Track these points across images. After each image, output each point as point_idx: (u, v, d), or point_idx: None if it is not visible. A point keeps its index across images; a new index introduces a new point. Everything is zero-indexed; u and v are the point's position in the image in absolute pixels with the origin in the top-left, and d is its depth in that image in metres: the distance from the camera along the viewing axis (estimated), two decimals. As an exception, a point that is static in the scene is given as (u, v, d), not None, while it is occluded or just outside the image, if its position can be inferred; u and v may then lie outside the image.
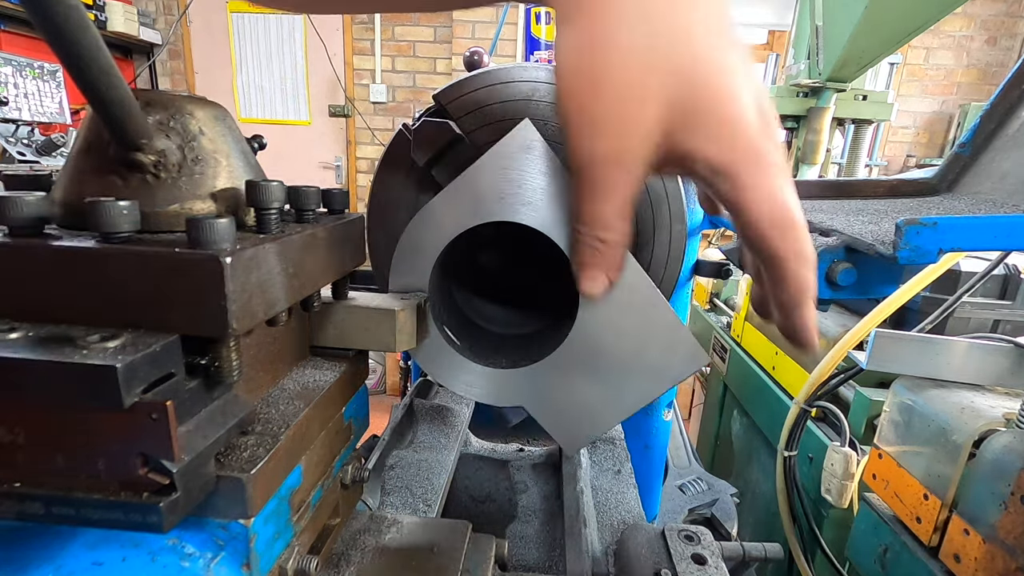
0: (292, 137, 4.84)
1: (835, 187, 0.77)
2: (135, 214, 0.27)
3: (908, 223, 0.41)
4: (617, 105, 0.30)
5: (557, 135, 0.48)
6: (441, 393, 1.00)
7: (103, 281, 0.27)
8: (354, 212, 0.43)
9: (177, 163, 0.32)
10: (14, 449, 0.26)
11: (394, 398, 4.28)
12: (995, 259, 1.03)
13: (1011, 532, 0.71)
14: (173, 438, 0.25)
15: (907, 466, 0.91)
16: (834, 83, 2.30)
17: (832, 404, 1.20)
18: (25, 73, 2.99)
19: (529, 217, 0.45)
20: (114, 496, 0.26)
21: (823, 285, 0.48)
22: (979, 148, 0.71)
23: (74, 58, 0.24)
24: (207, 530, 0.30)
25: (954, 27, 4.37)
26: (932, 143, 4.65)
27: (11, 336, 0.25)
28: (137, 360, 0.24)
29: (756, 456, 1.83)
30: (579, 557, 0.60)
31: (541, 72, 0.49)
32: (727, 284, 2.46)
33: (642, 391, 0.47)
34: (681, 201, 0.50)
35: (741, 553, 0.81)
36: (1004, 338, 0.91)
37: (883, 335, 0.93)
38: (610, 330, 0.46)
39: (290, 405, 0.36)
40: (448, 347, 0.49)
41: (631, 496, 0.74)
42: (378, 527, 0.49)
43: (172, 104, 0.33)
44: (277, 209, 0.33)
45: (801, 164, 2.51)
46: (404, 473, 0.75)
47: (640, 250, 0.51)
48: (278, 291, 0.31)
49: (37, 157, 2.80)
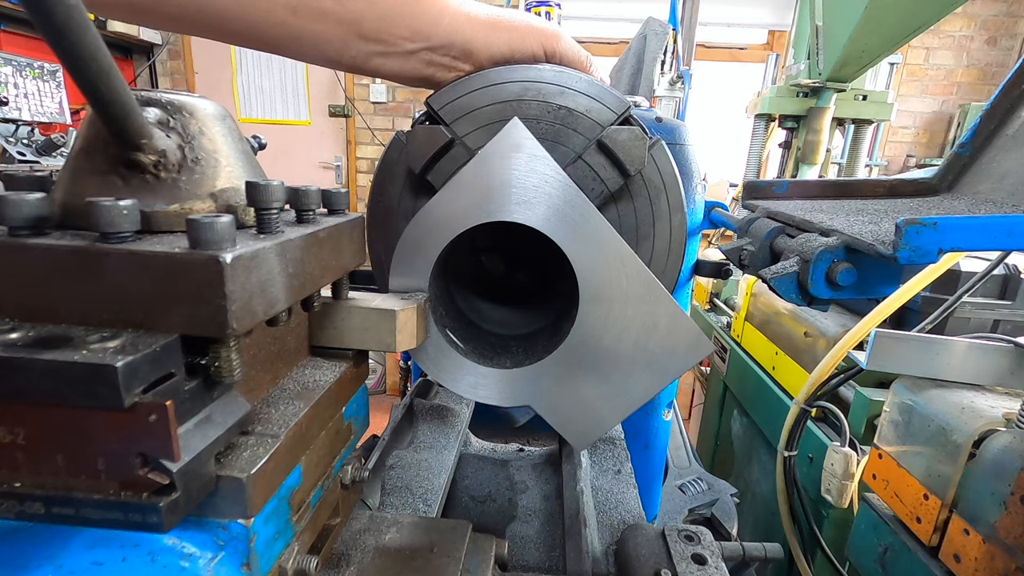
0: (292, 137, 4.84)
1: (835, 187, 0.77)
2: (135, 214, 0.27)
3: (908, 223, 0.41)
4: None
5: (548, 133, 0.48)
6: (441, 393, 1.00)
7: (103, 281, 0.27)
8: (354, 212, 0.43)
9: (177, 163, 0.32)
10: (14, 449, 0.26)
11: (394, 398, 4.28)
12: (995, 259, 1.03)
13: (1011, 532, 0.71)
14: (173, 438, 0.25)
15: (907, 466, 0.91)
16: (834, 83, 2.30)
17: (832, 404, 1.20)
18: (25, 73, 2.99)
19: (525, 216, 0.45)
20: (114, 496, 0.26)
21: (823, 285, 0.48)
22: (979, 148, 0.71)
23: (74, 58, 0.24)
24: (207, 530, 0.30)
25: (954, 27, 4.37)
26: (932, 143, 4.65)
27: (11, 336, 0.25)
28: (137, 360, 0.24)
29: (756, 456, 1.83)
30: (579, 557, 0.60)
31: (530, 72, 0.49)
32: (727, 284, 2.47)
33: (648, 383, 0.47)
34: (679, 192, 0.50)
35: (741, 553, 0.81)
36: (1004, 338, 0.91)
37: (883, 335, 0.93)
38: (612, 324, 0.46)
39: (290, 405, 0.36)
40: (451, 350, 0.49)
41: (631, 496, 0.74)
42: (378, 527, 0.49)
43: (172, 104, 0.33)
44: (277, 209, 0.33)
45: (801, 164, 2.51)
46: (404, 473, 0.75)
47: (640, 243, 0.51)
48: (278, 291, 0.31)
49: (37, 157, 2.80)
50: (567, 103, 0.48)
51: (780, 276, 0.50)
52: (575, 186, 0.45)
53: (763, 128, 2.66)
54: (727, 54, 4.78)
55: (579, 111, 0.48)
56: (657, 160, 0.49)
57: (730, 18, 4.61)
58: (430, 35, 0.50)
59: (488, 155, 0.44)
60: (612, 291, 0.45)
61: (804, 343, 1.56)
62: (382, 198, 0.52)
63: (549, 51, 0.53)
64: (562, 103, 0.48)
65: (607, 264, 0.45)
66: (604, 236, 0.45)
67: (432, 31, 0.50)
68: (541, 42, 0.53)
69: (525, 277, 0.72)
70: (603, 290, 0.45)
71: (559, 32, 0.54)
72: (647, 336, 0.46)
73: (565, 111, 0.48)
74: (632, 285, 0.45)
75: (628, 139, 0.47)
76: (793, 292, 0.50)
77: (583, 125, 0.48)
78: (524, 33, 0.52)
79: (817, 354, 1.45)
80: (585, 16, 4.63)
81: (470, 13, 0.51)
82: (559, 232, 0.45)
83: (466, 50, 0.51)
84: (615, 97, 0.48)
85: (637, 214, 0.51)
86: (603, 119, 0.48)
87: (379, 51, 0.50)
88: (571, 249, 0.45)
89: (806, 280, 0.48)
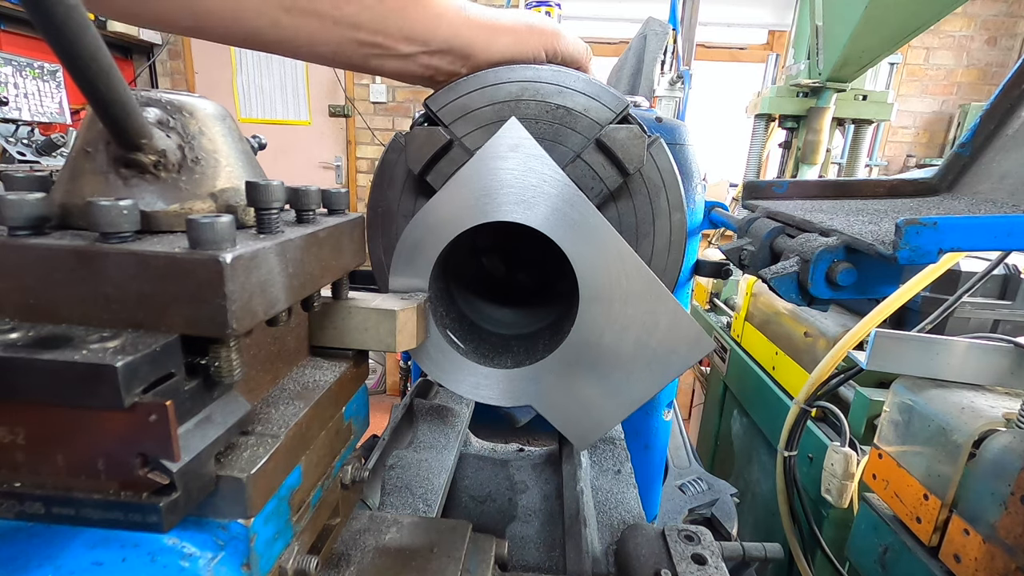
0: (292, 137, 4.84)
1: (835, 187, 0.77)
2: (135, 214, 0.27)
3: (908, 223, 0.41)
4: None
5: (547, 132, 0.48)
6: (441, 393, 1.00)
7: (103, 281, 0.27)
8: (354, 212, 0.43)
9: (177, 163, 0.32)
10: (14, 449, 0.26)
11: (394, 398, 4.28)
12: (995, 259, 1.03)
13: (1011, 532, 0.71)
14: (173, 438, 0.25)
15: (907, 466, 0.91)
16: (834, 83, 2.30)
17: (832, 404, 1.20)
18: (25, 73, 2.99)
19: (524, 216, 0.45)
20: (114, 496, 0.26)
21: (823, 285, 0.48)
22: (979, 148, 0.71)
23: (74, 58, 0.24)
24: (207, 530, 0.30)
25: (954, 27, 4.37)
26: (932, 143, 4.65)
27: (11, 336, 0.25)
28: (137, 360, 0.24)
29: (756, 456, 1.83)
30: (579, 557, 0.60)
31: (528, 72, 0.49)
32: (727, 284, 2.47)
33: (649, 381, 0.47)
34: (679, 190, 0.50)
35: (741, 553, 0.82)
36: (1004, 338, 0.91)
37: (883, 335, 0.93)
38: (613, 323, 0.46)
39: (290, 405, 0.36)
40: (452, 350, 0.49)
41: (631, 496, 0.74)
42: (378, 527, 0.49)
43: (172, 104, 0.33)
44: (277, 209, 0.33)
45: (801, 164, 2.51)
46: (404, 473, 0.75)
47: (640, 242, 0.51)
48: (278, 291, 0.31)
49: (37, 157, 2.80)
50: (565, 102, 0.48)
51: (780, 276, 0.50)
52: (574, 185, 0.45)
53: (763, 128, 2.66)
54: (727, 54, 4.78)
55: (577, 110, 0.48)
56: (656, 158, 0.49)
57: (730, 18, 4.62)
58: (427, 39, 0.50)
59: (486, 155, 0.44)
60: (612, 290, 0.45)
61: (804, 343, 1.56)
62: (382, 199, 0.52)
63: (550, 51, 0.53)
64: (560, 102, 0.48)
65: (607, 263, 0.45)
66: (604, 235, 0.45)
67: (430, 35, 0.50)
68: (542, 43, 0.52)
69: (525, 277, 0.72)
70: (603, 289, 0.45)
71: (559, 31, 0.54)
72: (648, 334, 0.46)
73: (563, 110, 0.48)
74: (632, 284, 0.45)
75: (627, 138, 0.47)
76: (793, 292, 0.50)
77: (581, 124, 0.48)
78: (524, 35, 0.52)
79: (817, 354, 1.45)
80: (585, 16, 4.64)
81: (469, 16, 0.51)
82: (559, 231, 0.45)
83: (465, 54, 0.51)
84: (613, 96, 0.48)
85: (637, 213, 0.51)
86: (602, 118, 0.48)
87: (376, 53, 0.50)
88: (571, 248, 0.45)
89: (806, 280, 0.48)
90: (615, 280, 0.45)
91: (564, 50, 0.54)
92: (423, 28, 0.49)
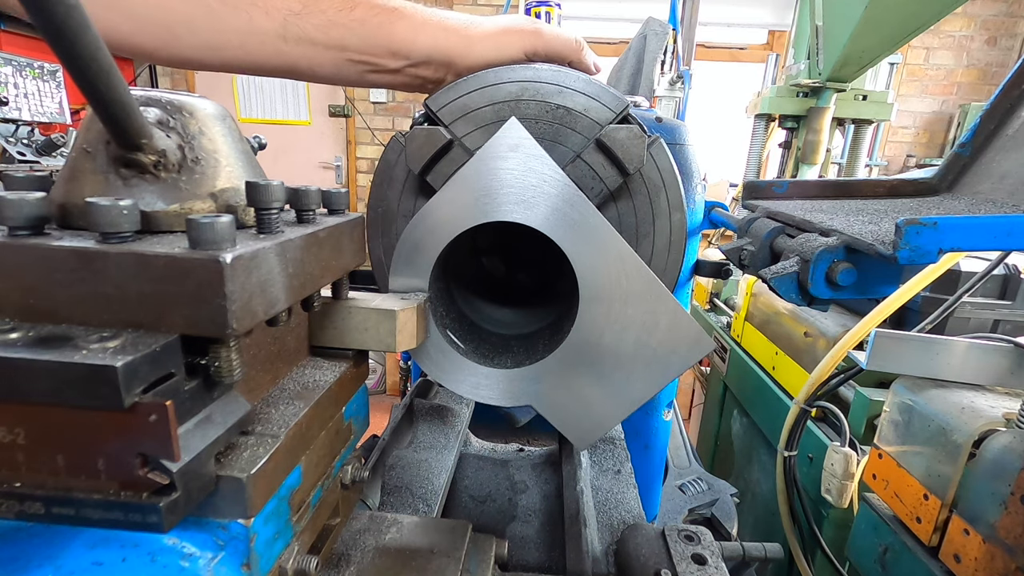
0: (292, 137, 4.84)
1: (835, 187, 0.77)
2: (135, 214, 0.27)
3: (908, 223, 0.41)
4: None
5: (547, 132, 0.48)
6: (441, 393, 1.00)
7: (103, 281, 0.27)
8: (354, 212, 0.43)
9: (177, 163, 0.32)
10: (14, 449, 0.26)
11: (394, 398, 4.28)
12: (995, 259, 1.03)
13: (1011, 532, 0.71)
14: (173, 438, 0.25)
15: (907, 466, 0.91)
16: (834, 83, 2.30)
17: (832, 404, 1.20)
18: (25, 73, 2.99)
19: (524, 216, 0.45)
20: (114, 496, 0.26)
21: (823, 285, 0.48)
22: (979, 148, 0.71)
23: (74, 58, 0.24)
24: (207, 530, 0.30)
25: (954, 27, 4.37)
26: (932, 143, 4.64)
27: (11, 336, 0.25)
28: (137, 360, 0.24)
29: (756, 456, 1.83)
30: (579, 557, 0.60)
31: (528, 72, 0.49)
32: (727, 284, 2.46)
33: (649, 381, 0.47)
34: (679, 190, 0.50)
35: (741, 553, 0.82)
36: (1004, 338, 0.91)
37: (883, 335, 0.93)
38: (613, 323, 0.46)
39: (290, 405, 0.36)
40: (452, 350, 0.49)
41: (631, 496, 0.74)
42: (378, 527, 0.49)
43: (172, 104, 0.33)
44: (277, 209, 0.33)
45: (801, 164, 2.51)
46: (404, 473, 0.75)
47: (640, 242, 0.51)
48: (278, 291, 0.31)
49: (37, 157, 2.79)
50: (565, 102, 0.48)
51: (780, 276, 0.50)
52: (574, 185, 0.45)
53: (763, 128, 2.66)
54: (727, 54, 4.78)
55: (577, 110, 0.48)
56: (656, 158, 0.49)
57: (730, 18, 4.61)
58: (408, 53, 0.54)
59: (486, 155, 0.44)
60: (612, 290, 0.45)
61: (804, 343, 1.56)
62: (382, 199, 0.52)
63: (530, 51, 0.55)
64: (560, 102, 0.48)
65: (607, 263, 0.45)
66: (604, 235, 0.45)
67: (409, 49, 0.54)
68: (520, 44, 0.54)
69: (525, 277, 0.72)
70: (603, 289, 0.45)
71: (540, 28, 0.55)
72: (648, 334, 0.46)
73: (563, 110, 0.48)
74: (632, 283, 0.45)
75: (627, 137, 0.47)
76: (793, 292, 0.50)
77: (581, 124, 0.48)
78: (500, 39, 0.54)
79: (817, 354, 1.45)
80: (585, 16, 4.63)
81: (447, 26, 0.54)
82: (559, 231, 0.45)
83: (445, 62, 0.55)
84: (613, 96, 0.48)
85: (637, 212, 0.51)
86: (601, 118, 0.48)
87: (368, 69, 0.55)
88: (571, 248, 0.45)
89: (806, 280, 0.48)
90: (615, 280, 0.45)
91: (546, 47, 0.55)
92: (401, 44, 0.54)
